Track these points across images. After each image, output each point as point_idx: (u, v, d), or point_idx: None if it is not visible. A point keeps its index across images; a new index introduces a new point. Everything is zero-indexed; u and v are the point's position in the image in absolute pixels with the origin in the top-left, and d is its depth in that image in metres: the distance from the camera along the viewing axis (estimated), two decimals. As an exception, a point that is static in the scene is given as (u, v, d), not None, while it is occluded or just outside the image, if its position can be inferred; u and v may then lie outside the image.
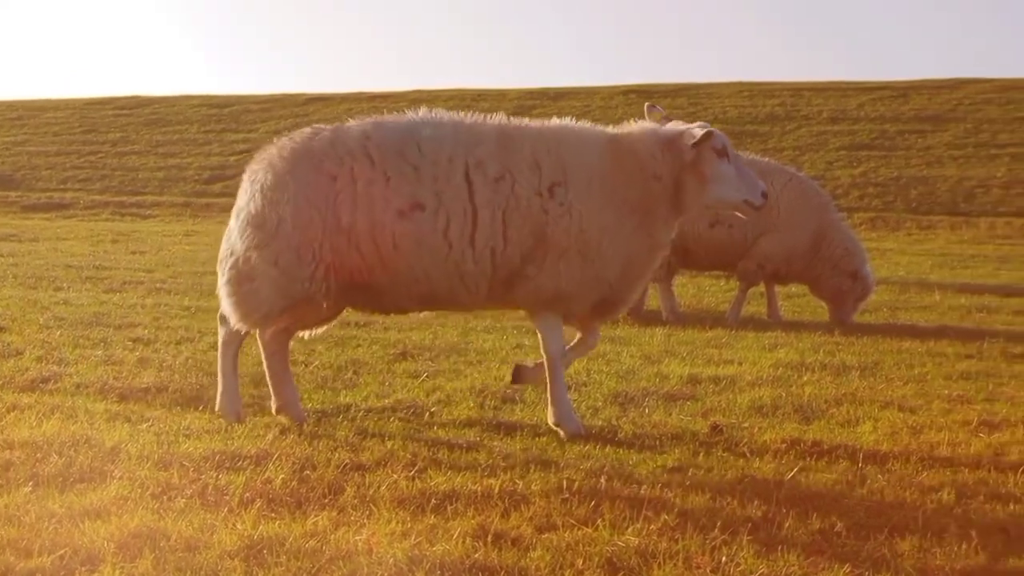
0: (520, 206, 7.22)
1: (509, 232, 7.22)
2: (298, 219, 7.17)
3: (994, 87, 41.72)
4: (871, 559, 5.12)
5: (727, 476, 6.23)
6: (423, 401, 8.04)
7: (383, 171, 7.18)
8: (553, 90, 46.65)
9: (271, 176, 7.28)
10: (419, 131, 7.34)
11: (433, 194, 7.16)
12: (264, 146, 7.60)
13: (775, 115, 40.22)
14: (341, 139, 7.33)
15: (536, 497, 5.76)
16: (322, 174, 7.21)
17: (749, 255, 13.03)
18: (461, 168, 7.22)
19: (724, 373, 9.14)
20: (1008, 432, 7.41)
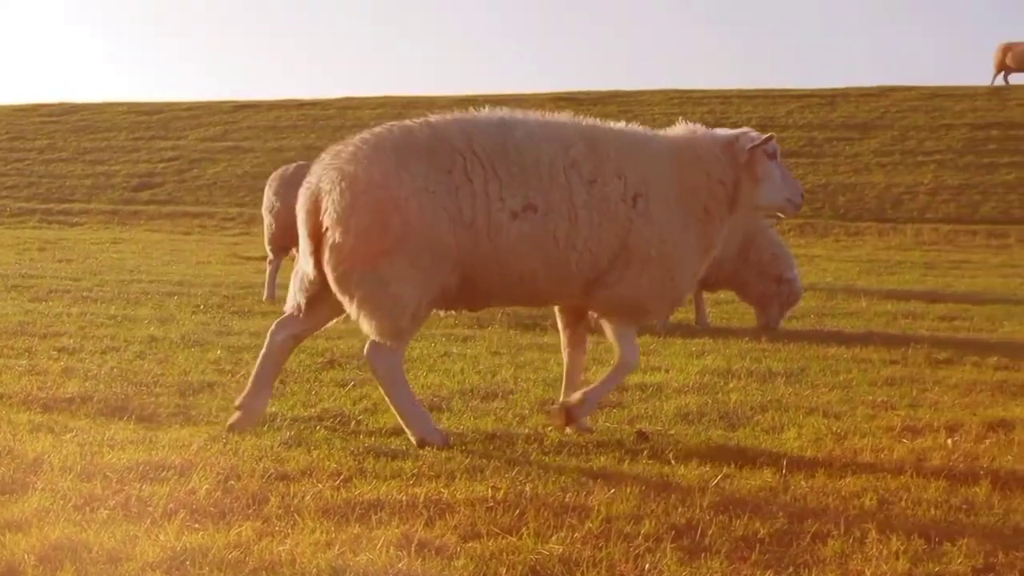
0: (609, 210, 7.31)
1: (602, 235, 7.30)
2: (423, 216, 6.98)
3: (920, 95, 42.13)
4: (793, 565, 5.15)
5: (652, 483, 6.24)
6: (350, 410, 8.02)
7: (494, 171, 7.14)
8: (482, 97, 46.56)
9: (378, 174, 6.99)
10: (512, 132, 7.30)
11: (542, 195, 7.17)
12: (336, 146, 7.26)
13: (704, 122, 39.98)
14: (442, 135, 7.19)
15: (461, 506, 5.75)
16: (436, 167, 7.06)
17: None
18: (560, 169, 7.25)
19: (651, 380, 9.18)
20: (930, 437, 7.49)
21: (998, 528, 5.64)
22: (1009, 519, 5.78)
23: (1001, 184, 32.57)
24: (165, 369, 9.37)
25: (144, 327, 11.76)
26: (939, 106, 40.05)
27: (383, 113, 44.54)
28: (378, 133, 7.23)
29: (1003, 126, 37.03)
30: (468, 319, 13.35)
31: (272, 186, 15.46)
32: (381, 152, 7.06)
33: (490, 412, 8.06)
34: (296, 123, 44.39)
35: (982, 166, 33.93)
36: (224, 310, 13.81)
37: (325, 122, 44.15)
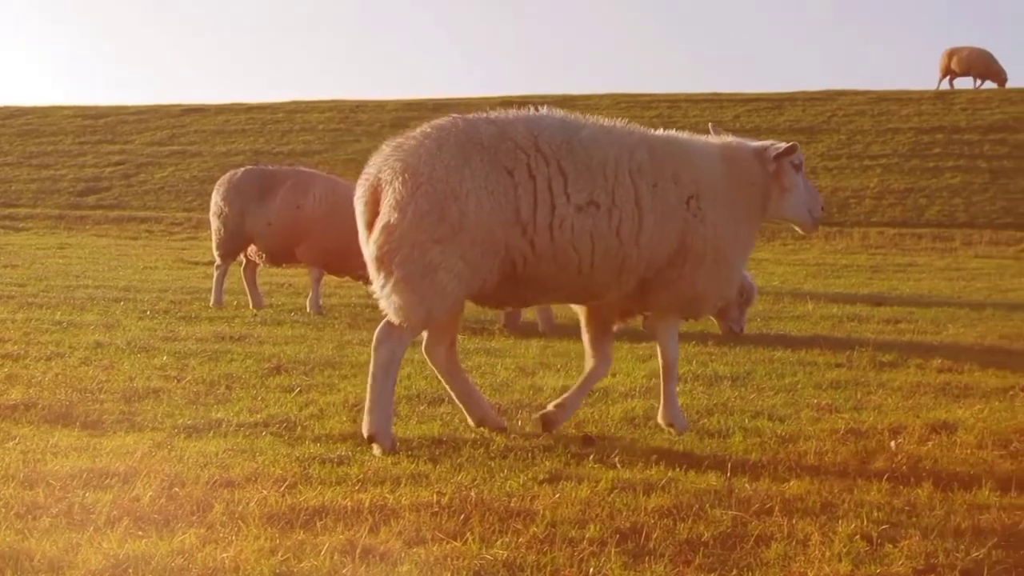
0: (669, 212, 7.61)
1: (662, 234, 7.59)
2: (481, 213, 7.15)
3: (866, 99, 42.38)
4: (737, 567, 5.19)
5: (598, 487, 6.25)
6: (296, 416, 8.00)
7: (559, 168, 7.34)
8: (432, 101, 46.58)
9: (440, 168, 7.16)
10: (577, 131, 7.52)
11: (606, 193, 7.42)
12: (393, 139, 7.45)
13: (652, 127, 40.46)
14: (507, 133, 7.35)
15: (406, 511, 5.75)
16: (498, 168, 7.24)
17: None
18: (626, 171, 7.52)
19: (597, 385, 9.13)
20: (874, 440, 7.55)
21: (940, 529, 5.68)
22: (950, 520, 5.83)
23: (946, 188, 32.82)
24: (110, 375, 9.32)
25: (89, 333, 11.68)
26: (885, 110, 40.31)
27: (332, 116, 44.53)
28: (441, 127, 7.41)
29: (948, 130, 37.30)
30: (416, 324, 13.32)
31: (220, 191, 15.40)
32: (444, 147, 7.24)
33: (437, 417, 8.06)
34: (244, 127, 44.20)
35: (927, 170, 34.17)
36: (171, 316, 13.73)
37: (274, 126, 44.01)
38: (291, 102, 47.65)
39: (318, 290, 14.82)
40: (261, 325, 13.09)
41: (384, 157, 7.34)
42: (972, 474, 6.72)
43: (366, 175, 7.40)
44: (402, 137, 7.43)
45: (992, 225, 30.14)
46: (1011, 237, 29.04)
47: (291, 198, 14.88)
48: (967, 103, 41.13)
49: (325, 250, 14.73)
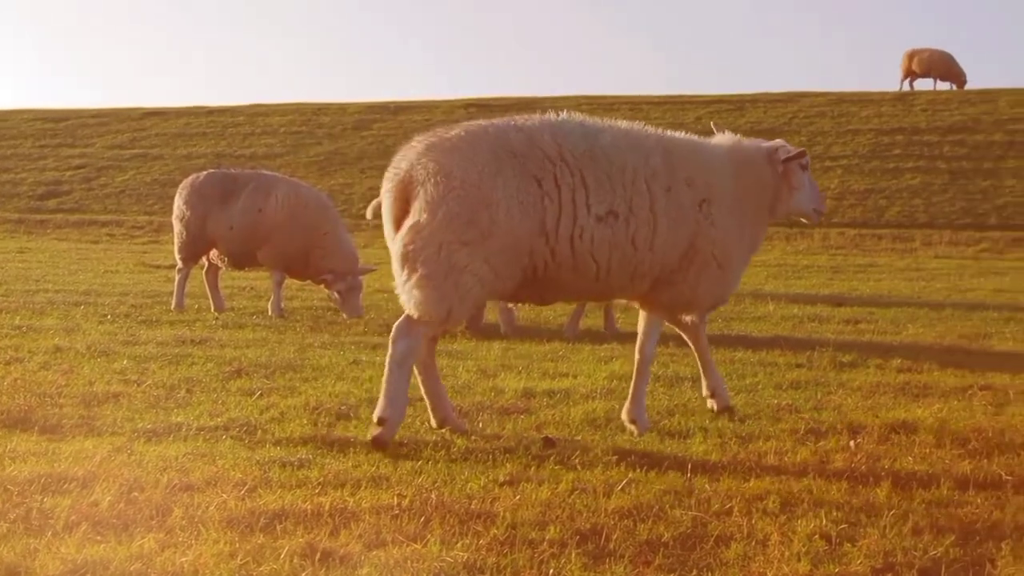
0: (682, 215, 7.80)
1: (675, 238, 7.79)
2: (510, 222, 7.32)
3: (827, 100, 42.57)
4: (697, 568, 5.20)
5: (558, 489, 6.26)
6: (256, 419, 7.97)
7: (582, 178, 7.52)
8: (394, 104, 46.55)
9: (474, 173, 7.31)
10: (598, 138, 7.68)
11: (624, 202, 7.61)
12: (424, 136, 7.55)
13: (615, 129, 40.56)
14: (536, 141, 7.51)
15: (366, 514, 5.74)
16: (528, 177, 7.42)
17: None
18: (642, 178, 7.69)
19: (559, 386, 9.21)
20: (833, 440, 7.58)
21: (898, 528, 5.71)
22: (909, 519, 5.85)
23: (906, 189, 33.01)
24: (70, 380, 9.26)
25: (49, 337, 11.62)
26: (845, 111, 40.51)
27: (293, 119, 44.44)
28: (474, 132, 7.53)
29: (907, 131, 37.53)
30: (378, 327, 13.33)
31: (182, 194, 15.37)
32: (478, 152, 7.38)
33: (398, 420, 8.03)
34: (205, 130, 44.09)
35: (887, 171, 34.37)
36: (131, 319, 13.67)
37: (235, 129, 43.90)
38: (252, 105, 47.55)
39: (280, 293, 14.79)
40: (222, 328, 13.05)
41: (417, 155, 7.43)
42: (930, 473, 6.76)
43: (396, 170, 7.48)
44: (434, 137, 7.52)
45: (952, 226, 30.34)
46: (970, 237, 29.24)
47: (253, 201, 14.86)
48: (927, 104, 41.37)
49: (287, 253, 14.71)
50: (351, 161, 38.97)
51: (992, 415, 8.43)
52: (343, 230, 15.00)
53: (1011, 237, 29.53)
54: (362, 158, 39.20)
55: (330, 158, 39.46)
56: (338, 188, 35.11)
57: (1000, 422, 8.15)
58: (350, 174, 37.47)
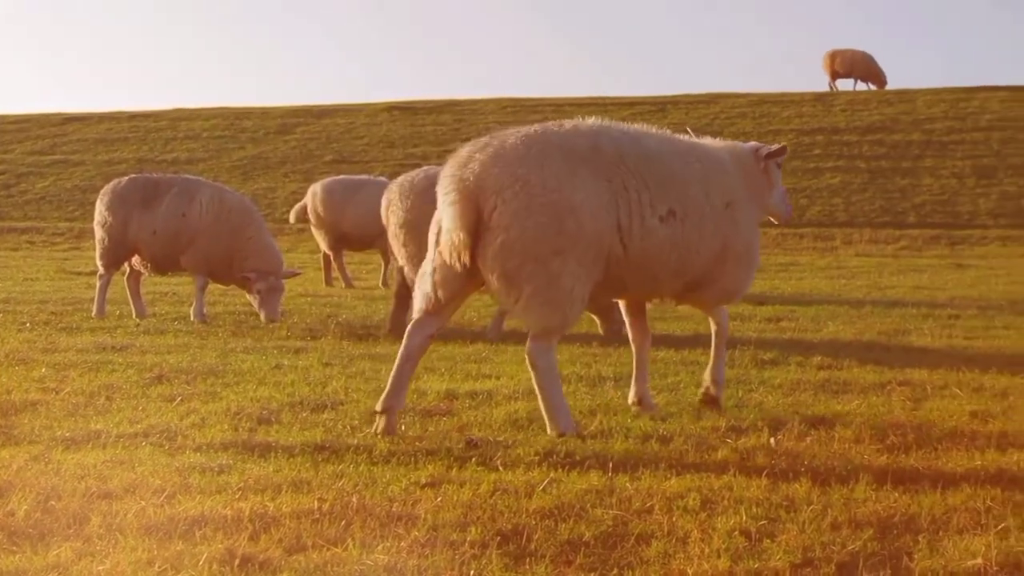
0: (717, 217, 8.17)
1: (714, 239, 8.16)
2: (595, 224, 7.53)
3: (748, 101, 42.94)
4: (618, 567, 5.21)
5: (480, 490, 6.25)
6: (177, 425, 7.91)
7: (643, 180, 7.79)
8: (317, 107, 46.42)
9: (551, 179, 7.45)
10: (644, 143, 8.02)
11: (679, 202, 7.93)
12: (489, 145, 7.60)
13: (538, 130, 40.64)
14: (597, 145, 7.70)
15: (287, 519, 5.72)
16: (599, 178, 7.62)
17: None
18: (688, 180, 8.03)
19: (482, 388, 9.21)
20: (754, 437, 7.62)
21: (817, 523, 5.75)
22: (827, 514, 5.90)
23: (826, 188, 33.35)
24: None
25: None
26: (766, 112, 40.89)
27: (216, 124, 44.21)
28: (541, 137, 7.65)
29: (827, 131, 37.93)
30: (301, 331, 13.28)
31: (104, 200, 15.24)
32: (550, 157, 7.52)
33: (319, 424, 8.00)
34: (127, 135, 43.77)
35: (808, 171, 34.71)
36: (51, 327, 13.54)
37: (157, 134, 43.64)
38: (174, 109, 47.29)
39: (202, 298, 14.70)
40: (144, 335, 12.95)
41: (482, 164, 7.47)
42: (849, 469, 6.81)
43: (461, 178, 7.48)
44: (494, 143, 7.61)
45: (871, 224, 30.68)
46: (890, 235, 29.58)
47: (176, 206, 14.77)
48: (846, 105, 41.83)
49: (210, 258, 14.64)
50: (274, 165, 38.82)
51: (910, 410, 8.52)
52: (267, 234, 14.94)
53: (929, 235, 29.90)
54: (285, 162, 39.07)
55: (253, 162, 39.29)
56: (261, 192, 34.97)
57: (918, 417, 8.25)
58: (273, 178, 37.32)
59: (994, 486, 6.42)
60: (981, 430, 7.84)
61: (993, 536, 5.54)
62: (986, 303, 16.87)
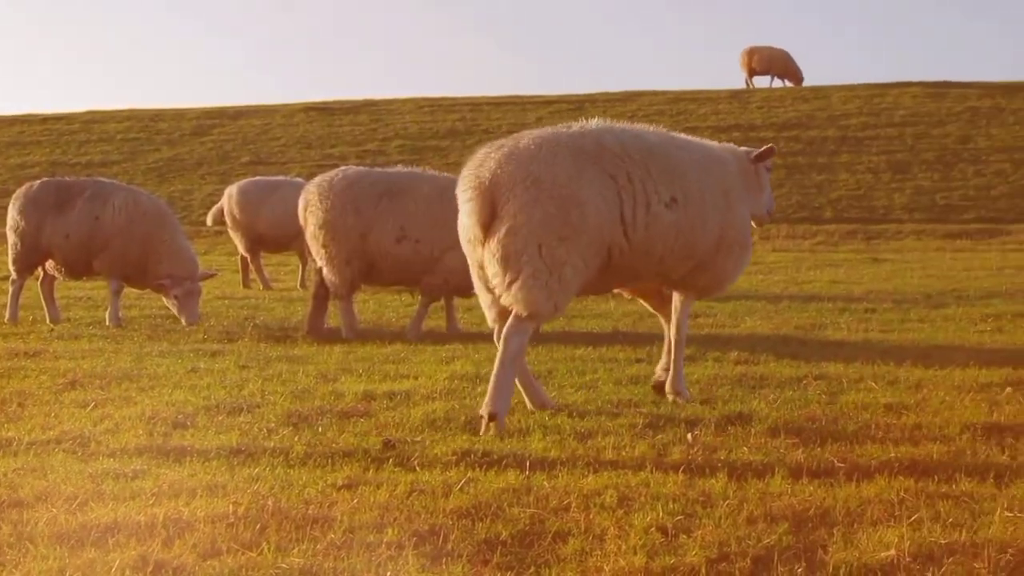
0: (716, 204, 8.64)
1: (714, 226, 8.63)
2: (598, 217, 7.99)
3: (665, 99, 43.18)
4: (535, 565, 5.21)
5: (397, 491, 6.23)
6: (90, 431, 7.80)
7: (648, 170, 8.25)
8: (232, 108, 46.11)
9: (561, 175, 7.92)
10: (646, 138, 8.49)
11: (682, 191, 8.39)
12: (502, 146, 8.06)
13: (455, 130, 40.69)
14: (602, 143, 8.18)
15: (201, 523, 5.66)
16: (604, 175, 8.09)
17: (435, 270, 13.06)
18: (689, 169, 8.50)
19: (400, 388, 9.17)
20: (671, 433, 7.64)
21: (733, 518, 5.78)
22: (744, 508, 5.92)
23: (744, 184, 33.51)
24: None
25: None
26: (683, 109, 41.11)
27: (130, 126, 43.79)
28: (551, 138, 8.14)
29: (744, 128, 38.14)
30: (218, 334, 13.19)
31: (16, 204, 15.02)
32: (559, 156, 8.01)
33: (235, 427, 7.93)
34: (39, 138, 43.25)
35: (725, 167, 34.86)
36: (-38, 334, 13.35)
37: (70, 137, 43.14)
38: (88, 112, 46.80)
39: (117, 303, 14.55)
40: (57, 340, 12.81)
41: (497, 163, 7.94)
42: (765, 463, 6.85)
43: (477, 177, 7.94)
44: (508, 145, 8.06)
45: (788, 220, 30.90)
46: (807, 231, 29.82)
47: (89, 209, 14.60)
48: (762, 102, 42.14)
49: (124, 262, 14.48)
50: (190, 167, 38.51)
51: (826, 404, 8.58)
52: (182, 237, 14.80)
53: (845, 230, 30.18)
54: (201, 164, 38.78)
55: (169, 164, 38.96)
56: (177, 195, 34.68)
57: (833, 411, 8.31)
58: (189, 180, 37.02)
59: (907, 478, 6.49)
60: (895, 423, 7.92)
61: (906, 527, 5.59)
62: (901, 297, 17.06)
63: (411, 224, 12.95)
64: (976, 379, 9.51)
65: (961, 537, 5.48)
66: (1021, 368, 9.95)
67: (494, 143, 8.21)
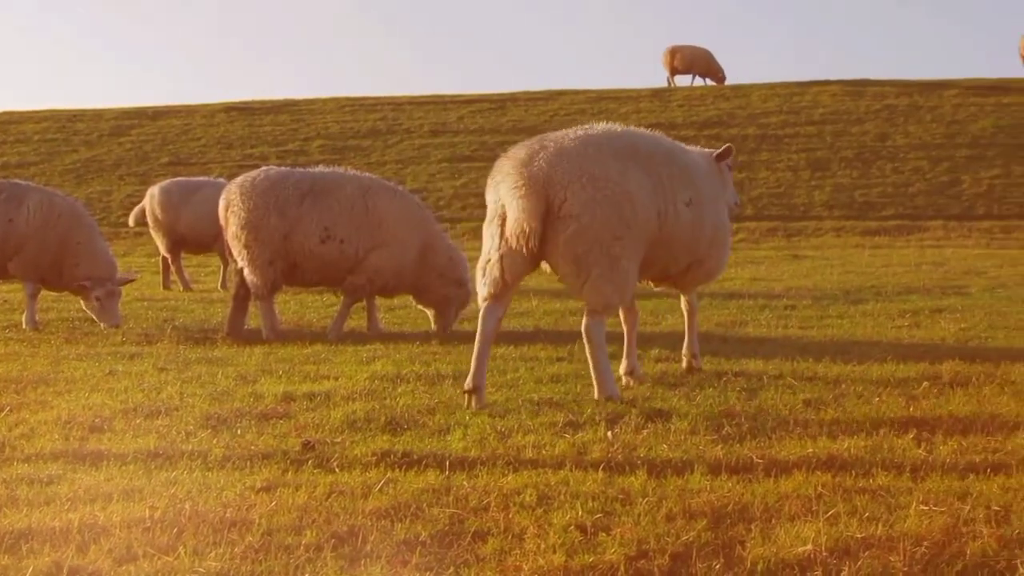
0: (711, 205, 9.47)
1: (710, 224, 9.45)
2: (646, 212, 8.72)
3: (587, 98, 43.31)
4: (454, 565, 5.20)
5: (316, 492, 6.19)
6: (4, 436, 7.69)
7: (670, 172, 8.99)
8: (151, 108, 45.72)
9: (613, 172, 8.58)
10: (661, 142, 9.29)
11: (695, 191, 9.16)
12: (551, 142, 8.65)
13: (377, 129, 40.56)
14: (636, 145, 8.90)
15: (117, 528, 5.60)
16: (643, 172, 8.77)
17: (359, 270, 13.02)
18: (696, 172, 9.31)
19: (320, 389, 9.12)
20: (591, 431, 7.64)
21: (652, 515, 5.79)
22: (663, 505, 5.94)
23: (666, 182, 33.65)
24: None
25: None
26: (605, 108, 41.26)
27: (48, 127, 43.32)
28: (594, 139, 8.77)
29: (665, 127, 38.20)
30: (136, 336, 13.06)
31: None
32: (607, 155, 8.66)
33: (153, 430, 7.85)
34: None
35: (647, 165, 34.99)
36: None
37: (-14, 137, 42.57)
38: (3, 113, 46.23)
39: (34, 306, 14.38)
40: (-28, 344, 12.64)
41: (548, 161, 8.49)
42: (685, 459, 6.87)
43: (530, 174, 8.45)
44: (551, 144, 8.63)
45: (709, 217, 31.00)
46: (728, 228, 29.93)
47: (3, 212, 14.40)
48: (683, 100, 42.38)
49: (40, 264, 14.31)
50: (108, 168, 38.14)
51: (746, 400, 8.62)
52: (99, 239, 14.63)
53: (766, 227, 30.40)
54: (120, 165, 38.42)
55: (87, 165, 38.56)
56: (96, 196, 34.33)
57: (753, 407, 8.35)
58: (108, 181, 36.66)
59: (825, 473, 6.54)
60: (814, 418, 7.97)
61: (823, 522, 5.63)
62: (821, 293, 17.20)
63: (336, 224, 12.91)
64: (894, 374, 9.60)
65: (877, 531, 5.53)
66: (938, 363, 10.05)
67: (531, 144, 8.73)
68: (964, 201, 31.58)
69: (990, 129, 37.26)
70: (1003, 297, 16.38)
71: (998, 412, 8.07)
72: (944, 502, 5.94)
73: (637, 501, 6.03)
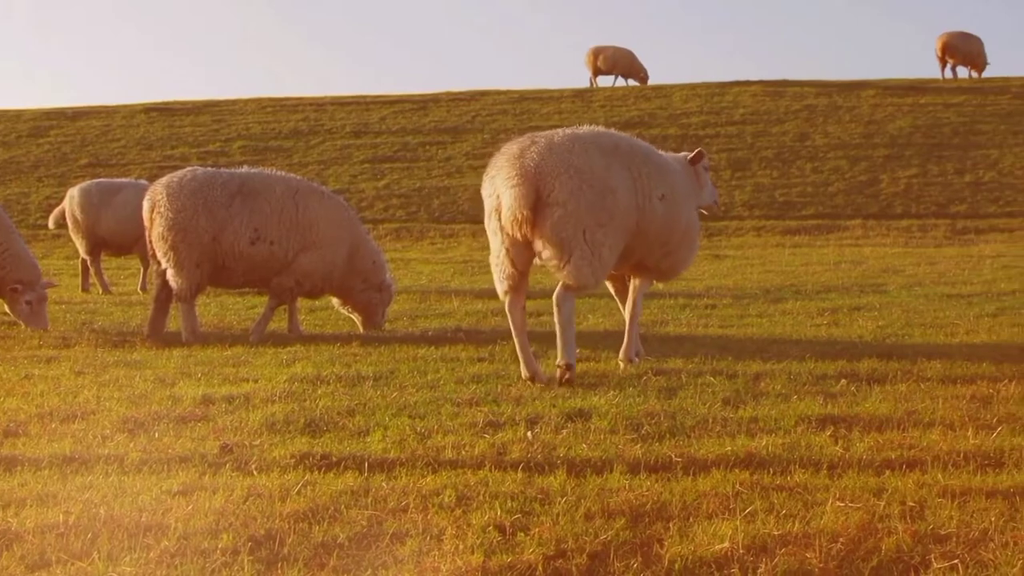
0: (683, 201, 10.28)
1: (682, 219, 10.25)
2: (627, 203, 9.57)
3: (508, 98, 43.28)
4: (372, 567, 5.20)
5: (233, 495, 6.15)
6: (-82, 441, 7.60)
7: (648, 170, 9.80)
8: (71, 109, 45.23)
9: (598, 167, 9.42)
10: (636, 142, 10.00)
11: (668, 188, 9.97)
12: (542, 139, 9.50)
13: (299, 130, 40.33)
14: (616, 143, 9.76)
15: (30, 534, 5.54)
16: (624, 168, 9.65)
17: (288, 272, 12.91)
18: (669, 171, 10.13)
19: (239, 391, 9.06)
20: (511, 431, 7.65)
21: (571, 514, 5.81)
22: (581, 505, 5.96)
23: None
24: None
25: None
26: (527, 109, 41.28)
27: (-36, 129, 42.67)
28: (580, 136, 9.61)
29: (587, 126, 38.35)
30: (54, 340, 12.91)
31: None
32: (592, 151, 9.50)
33: (69, 434, 7.76)
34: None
35: (569, 165, 35.03)
36: None
37: (-100, 140, 41.94)
38: (-77, 114, 45.51)
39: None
40: None
41: (539, 154, 9.32)
42: (604, 459, 6.90)
43: (522, 166, 9.27)
44: (541, 140, 9.47)
45: (632, 217, 31.10)
46: (650, 228, 30.02)
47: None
48: (605, 101, 42.51)
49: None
50: (27, 169, 37.67)
51: (665, 399, 8.65)
52: (19, 242, 14.42)
53: (688, 226, 30.48)
54: (39, 166, 37.97)
55: (4, 167, 38.06)
56: (14, 198, 33.90)
57: (672, 406, 8.38)
58: (26, 182, 36.20)
59: (743, 470, 6.60)
60: (733, 416, 8.02)
61: (740, 520, 5.68)
62: (741, 292, 17.32)
63: (266, 225, 12.79)
64: (812, 372, 9.68)
65: (794, 528, 5.58)
66: (856, 361, 10.15)
67: (522, 141, 9.54)
68: (882, 200, 31.86)
69: (907, 129, 37.63)
70: (920, 295, 16.55)
71: (914, 409, 8.17)
72: (860, 499, 6.01)
73: (556, 501, 6.05)
